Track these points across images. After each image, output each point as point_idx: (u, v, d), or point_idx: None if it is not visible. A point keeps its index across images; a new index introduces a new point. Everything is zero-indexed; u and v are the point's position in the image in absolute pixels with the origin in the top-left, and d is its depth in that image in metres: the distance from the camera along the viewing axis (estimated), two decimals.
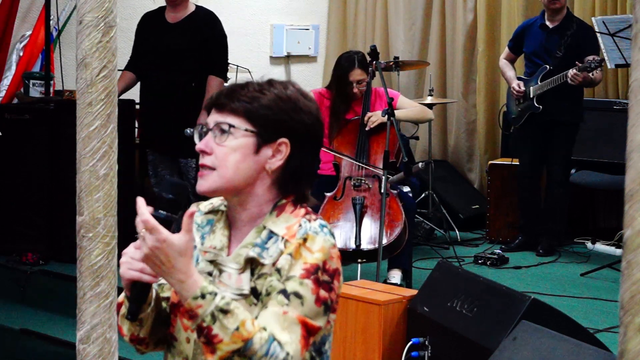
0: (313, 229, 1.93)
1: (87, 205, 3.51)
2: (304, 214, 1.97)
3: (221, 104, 1.98)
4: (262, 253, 1.94)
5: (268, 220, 1.97)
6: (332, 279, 1.92)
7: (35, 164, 5.95)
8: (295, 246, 1.91)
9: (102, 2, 3.39)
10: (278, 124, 1.96)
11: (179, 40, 5.64)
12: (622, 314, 1.54)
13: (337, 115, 5.43)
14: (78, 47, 3.57)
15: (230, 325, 1.81)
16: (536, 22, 6.37)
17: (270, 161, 1.96)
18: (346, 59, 5.48)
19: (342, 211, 5.13)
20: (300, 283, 1.88)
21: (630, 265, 1.52)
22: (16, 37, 6.52)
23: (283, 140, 1.96)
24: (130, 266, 1.90)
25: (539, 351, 3.18)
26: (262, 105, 1.96)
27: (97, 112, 3.51)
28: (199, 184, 1.98)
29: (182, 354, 2.00)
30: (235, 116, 1.96)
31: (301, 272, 1.88)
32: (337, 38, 8.41)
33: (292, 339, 1.85)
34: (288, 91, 1.99)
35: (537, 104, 6.20)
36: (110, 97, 3.56)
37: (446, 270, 4.16)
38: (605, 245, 6.45)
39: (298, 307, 1.87)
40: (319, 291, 1.89)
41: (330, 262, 1.92)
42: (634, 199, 1.52)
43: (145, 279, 1.90)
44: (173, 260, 1.82)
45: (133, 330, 2.02)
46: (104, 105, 3.50)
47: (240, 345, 1.81)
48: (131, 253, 1.91)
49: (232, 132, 1.95)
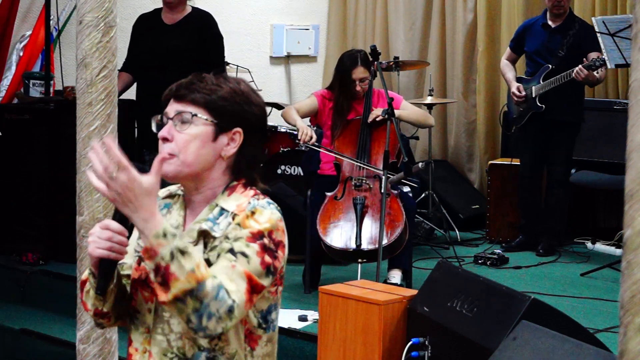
0: (260, 204, 2.09)
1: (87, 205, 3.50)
2: (253, 195, 2.13)
3: (181, 95, 2.12)
4: (214, 227, 2.09)
5: (220, 199, 2.13)
6: (276, 248, 2.07)
7: (35, 164, 5.95)
8: (242, 217, 2.06)
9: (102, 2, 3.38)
10: (233, 114, 2.13)
11: (177, 42, 5.65)
12: (622, 314, 1.55)
13: (341, 113, 5.43)
14: (78, 47, 3.57)
15: (186, 265, 1.93)
16: (538, 21, 6.37)
17: (225, 148, 2.13)
18: (349, 57, 5.48)
19: (343, 211, 5.13)
20: (246, 245, 2.03)
21: (630, 265, 1.52)
22: (16, 37, 6.52)
23: (237, 130, 2.13)
24: (98, 244, 2.02)
25: (539, 351, 3.18)
26: (220, 97, 2.12)
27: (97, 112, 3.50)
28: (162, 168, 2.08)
29: (145, 324, 2.15)
30: (195, 106, 2.11)
31: (248, 236, 2.04)
32: (337, 38, 8.41)
33: (238, 288, 1.98)
34: (241, 86, 2.17)
35: (539, 103, 6.20)
36: (110, 97, 3.55)
37: (446, 270, 4.16)
38: (605, 245, 6.45)
39: (244, 264, 2.01)
40: (264, 255, 2.03)
41: (276, 232, 2.08)
42: (634, 199, 1.52)
43: (113, 256, 2.04)
44: (141, 198, 1.93)
45: (97, 305, 2.14)
46: (104, 105, 3.50)
47: (193, 286, 1.93)
48: (98, 232, 2.03)
49: (194, 121, 2.10)
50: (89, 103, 3.37)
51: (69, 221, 3.86)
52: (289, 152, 6.45)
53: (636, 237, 1.51)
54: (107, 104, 3.37)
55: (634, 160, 1.50)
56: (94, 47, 3.35)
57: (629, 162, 1.51)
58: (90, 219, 3.32)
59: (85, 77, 3.38)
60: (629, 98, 1.52)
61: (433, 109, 7.17)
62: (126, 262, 2.19)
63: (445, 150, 7.91)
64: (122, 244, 2.04)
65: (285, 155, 6.44)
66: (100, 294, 2.10)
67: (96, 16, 3.32)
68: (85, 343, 3.36)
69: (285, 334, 4.46)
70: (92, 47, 3.35)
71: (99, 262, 2.06)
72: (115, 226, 2.04)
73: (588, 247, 6.52)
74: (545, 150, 6.32)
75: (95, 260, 2.07)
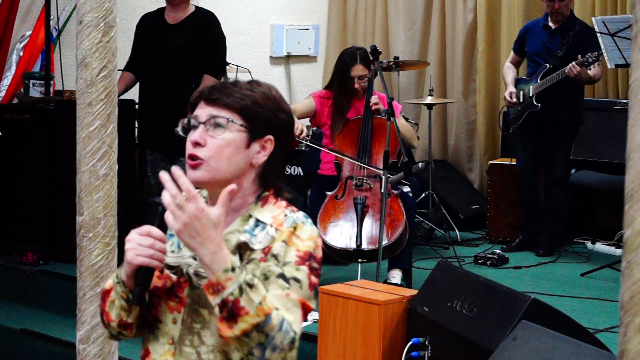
0: (300, 219, 2.04)
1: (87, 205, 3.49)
2: (286, 206, 2.09)
3: (215, 99, 2.05)
4: (252, 239, 2.02)
5: (254, 210, 2.07)
6: (319, 266, 2.03)
7: (35, 164, 5.95)
8: (287, 234, 2.01)
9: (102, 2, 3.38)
10: (266, 121, 2.06)
11: (179, 41, 5.65)
12: (622, 314, 1.55)
13: (340, 111, 5.43)
14: (78, 47, 3.56)
15: (255, 299, 1.88)
16: (539, 23, 6.39)
17: (257, 156, 2.07)
18: (348, 54, 5.48)
19: (343, 211, 5.13)
20: (297, 269, 1.98)
21: (630, 265, 1.52)
22: (16, 37, 6.52)
23: (269, 137, 2.07)
24: (139, 252, 1.96)
25: (539, 351, 3.18)
26: (254, 103, 2.05)
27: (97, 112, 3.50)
28: (190, 173, 2.03)
29: (168, 335, 2.06)
30: (230, 111, 2.04)
31: (296, 259, 1.99)
32: (337, 38, 8.41)
33: (295, 318, 1.95)
34: (273, 92, 2.10)
35: (535, 102, 6.21)
36: (110, 97, 3.55)
37: (446, 270, 4.16)
38: (605, 245, 6.45)
39: (298, 290, 1.97)
40: (311, 277, 2.00)
41: (317, 250, 2.04)
42: (634, 199, 1.52)
43: (154, 264, 1.97)
44: (208, 230, 1.88)
45: (122, 316, 2.07)
46: (104, 105, 3.50)
47: (262, 319, 1.88)
48: (138, 239, 1.97)
49: (228, 127, 2.03)
50: (89, 103, 3.37)
51: (69, 221, 3.86)
52: (289, 152, 6.44)
53: (636, 237, 1.51)
54: (107, 104, 3.37)
55: (634, 160, 1.50)
56: (94, 47, 3.35)
57: (629, 162, 1.51)
58: (90, 219, 3.32)
59: (85, 77, 3.38)
60: (629, 98, 1.52)
61: (433, 109, 7.17)
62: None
63: (445, 150, 7.91)
64: (163, 251, 1.98)
65: (285, 156, 6.44)
66: (136, 303, 2.02)
67: (96, 16, 3.32)
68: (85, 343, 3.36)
69: None
70: (92, 47, 3.35)
71: (137, 270, 1.99)
72: (157, 233, 1.97)
73: (588, 247, 6.52)
74: (543, 150, 6.32)
75: (133, 268, 1.98)
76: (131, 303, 2.03)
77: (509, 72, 6.53)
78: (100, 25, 3.34)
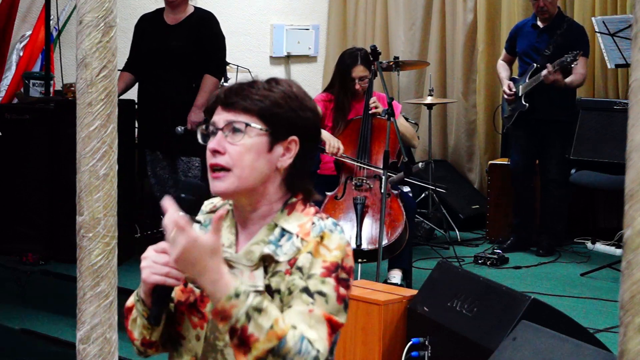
0: (328, 227, 1.94)
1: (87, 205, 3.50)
2: (315, 213, 1.99)
3: (232, 103, 1.95)
4: (277, 250, 1.93)
5: (280, 219, 1.97)
6: (349, 276, 1.93)
7: (35, 164, 5.95)
8: (314, 244, 1.91)
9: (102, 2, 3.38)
10: (288, 121, 1.95)
11: (179, 41, 5.65)
12: (622, 314, 1.54)
13: (341, 111, 5.43)
14: (78, 47, 3.56)
15: (265, 324, 1.79)
16: (528, 22, 6.41)
17: (281, 159, 1.96)
18: (349, 55, 5.49)
19: (343, 211, 5.13)
20: (322, 282, 1.88)
21: (630, 265, 1.52)
22: (16, 37, 6.52)
23: (293, 138, 1.97)
24: (154, 270, 1.88)
25: (539, 351, 3.18)
26: (274, 104, 1.94)
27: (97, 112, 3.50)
28: (215, 185, 1.95)
29: (191, 351, 2.00)
30: (248, 115, 1.94)
31: (322, 271, 1.89)
32: (337, 38, 8.41)
33: (320, 336, 1.84)
34: (294, 89, 1.99)
35: (524, 102, 6.21)
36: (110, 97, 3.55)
37: (446, 270, 4.16)
38: (605, 245, 6.45)
39: (323, 304, 1.87)
40: (339, 289, 1.89)
41: (347, 260, 1.93)
42: (634, 199, 1.51)
43: (170, 282, 1.89)
44: (205, 260, 1.79)
45: (145, 334, 2.01)
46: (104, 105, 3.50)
47: (275, 344, 1.79)
48: (153, 257, 1.89)
49: (247, 131, 1.93)
50: (89, 103, 3.37)
51: (69, 221, 3.85)
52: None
53: (636, 237, 1.51)
54: (107, 104, 3.36)
55: (634, 160, 1.50)
56: (94, 47, 3.35)
57: (629, 162, 1.51)
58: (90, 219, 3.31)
59: (85, 77, 3.38)
60: (629, 98, 1.52)
61: (433, 109, 7.17)
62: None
63: (445, 150, 7.91)
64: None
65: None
66: (154, 323, 1.95)
67: (96, 16, 3.32)
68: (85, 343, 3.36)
69: None
70: (92, 47, 3.35)
71: (153, 288, 1.91)
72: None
73: (588, 247, 6.52)
74: (536, 149, 6.33)
75: (149, 287, 1.91)
76: (150, 323, 1.97)
77: (502, 70, 6.55)
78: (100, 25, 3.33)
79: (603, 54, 6.11)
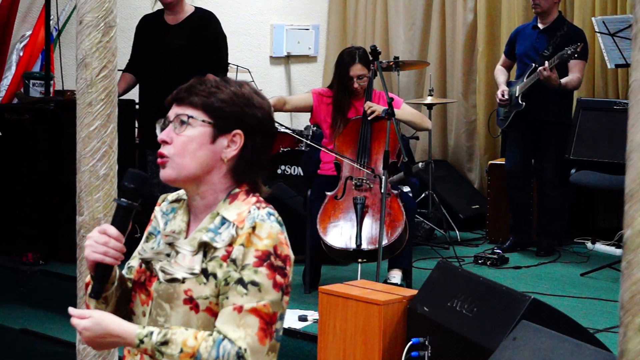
0: (260, 217, 2.07)
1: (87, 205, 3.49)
2: (255, 202, 2.11)
3: (181, 98, 2.14)
4: (215, 237, 2.08)
5: (221, 207, 2.12)
6: (284, 264, 2.06)
7: (35, 165, 5.95)
8: (245, 235, 2.05)
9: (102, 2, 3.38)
10: (232, 116, 2.11)
11: (180, 42, 5.65)
12: (622, 314, 1.54)
13: (340, 110, 5.43)
14: (78, 47, 3.56)
15: (174, 352, 1.99)
16: (529, 24, 6.42)
17: (225, 151, 2.11)
18: (347, 54, 5.48)
19: (343, 211, 5.13)
20: (255, 271, 2.02)
21: (630, 265, 1.52)
22: (16, 37, 6.52)
23: (237, 132, 2.11)
24: (94, 249, 2.07)
25: (539, 351, 3.18)
26: (218, 99, 2.11)
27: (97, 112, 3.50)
28: (161, 172, 2.12)
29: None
30: (193, 109, 2.12)
31: (254, 260, 2.03)
32: (337, 38, 8.41)
33: (247, 332, 2.00)
34: (243, 89, 2.15)
35: (520, 101, 6.21)
36: (110, 97, 3.55)
37: (446, 270, 4.16)
38: (605, 245, 6.45)
39: (256, 294, 2.02)
40: (275, 276, 2.04)
41: (280, 247, 2.06)
42: (634, 199, 1.52)
43: (108, 261, 2.08)
44: (102, 333, 2.03)
45: (99, 308, 2.15)
46: (104, 105, 3.50)
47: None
48: (95, 237, 2.08)
49: (190, 123, 2.10)
50: (89, 103, 3.37)
51: (69, 221, 3.86)
52: (289, 152, 6.44)
53: (636, 237, 1.51)
54: (107, 104, 3.37)
55: (634, 160, 1.50)
56: (94, 47, 3.35)
57: (629, 162, 1.51)
58: (90, 219, 3.32)
59: (85, 77, 3.38)
60: (629, 98, 1.52)
61: (433, 109, 7.17)
62: (134, 266, 2.21)
63: (445, 150, 7.91)
64: (118, 249, 2.07)
65: (285, 155, 6.44)
66: (94, 297, 2.13)
67: (96, 16, 3.32)
68: None
69: (285, 334, 4.43)
70: (92, 47, 3.35)
71: (95, 266, 2.09)
72: (112, 231, 2.07)
73: (588, 247, 6.51)
74: (532, 150, 6.32)
75: (91, 264, 2.09)
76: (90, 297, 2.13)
77: (500, 74, 6.56)
78: (100, 25, 3.34)
79: (603, 54, 6.11)
